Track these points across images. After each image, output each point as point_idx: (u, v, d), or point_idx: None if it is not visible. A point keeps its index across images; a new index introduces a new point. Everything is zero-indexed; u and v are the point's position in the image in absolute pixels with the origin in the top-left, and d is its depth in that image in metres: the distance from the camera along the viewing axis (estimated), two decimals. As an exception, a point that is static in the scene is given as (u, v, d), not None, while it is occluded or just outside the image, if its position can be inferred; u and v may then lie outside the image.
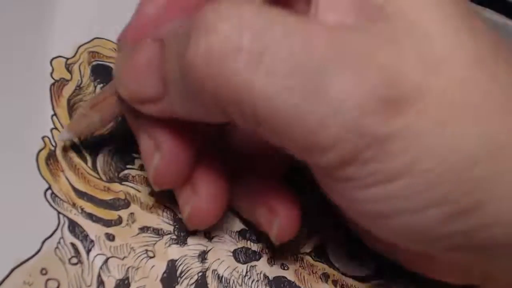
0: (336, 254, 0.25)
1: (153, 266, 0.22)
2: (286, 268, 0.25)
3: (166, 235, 0.23)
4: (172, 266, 0.23)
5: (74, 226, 0.22)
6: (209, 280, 0.23)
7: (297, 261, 0.25)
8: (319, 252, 0.24)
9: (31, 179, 0.22)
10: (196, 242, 0.24)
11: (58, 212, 0.22)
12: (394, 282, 0.25)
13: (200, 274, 0.23)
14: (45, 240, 0.21)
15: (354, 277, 0.25)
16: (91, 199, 0.23)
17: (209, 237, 0.24)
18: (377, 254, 0.24)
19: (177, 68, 0.19)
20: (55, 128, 0.24)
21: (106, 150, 0.25)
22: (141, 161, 0.24)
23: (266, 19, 0.18)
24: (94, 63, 0.27)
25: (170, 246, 0.23)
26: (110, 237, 0.22)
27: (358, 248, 0.25)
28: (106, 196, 0.23)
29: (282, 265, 0.24)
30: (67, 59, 0.27)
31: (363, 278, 0.25)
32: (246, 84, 0.17)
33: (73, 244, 0.22)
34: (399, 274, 0.24)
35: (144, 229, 0.23)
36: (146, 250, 0.23)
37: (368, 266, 0.25)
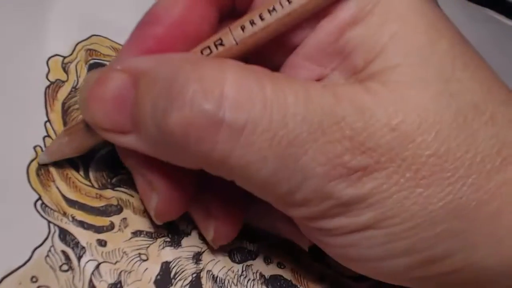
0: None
1: (146, 269, 0.22)
2: (283, 267, 0.24)
3: (160, 238, 0.23)
4: (166, 268, 0.22)
5: (65, 234, 0.22)
6: (203, 280, 0.23)
7: (294, 260, 0.24)
8: (316, 251, 0.23)
9: (21, 191, 0.22)
10: (190, 244, 0.23)
11: (49, 221, 0.22)
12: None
13: (194, 275, 0.23)
14: (35, 248, 0.21)
15: (350, 277, 0.25)
16: (83, 207, 0.23)
17: (203, 238, 0.23)
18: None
19: (151, 120, 0.19)
20: (48, 135, 0.24)
21: (99, 156, 0.24)
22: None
23: (247, 92, 0.18)
24: (91, 62, 0.27)
25: (164, 248, 0.23)
26: (102, 242, 0.22)
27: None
28: (98, 203, 0.23)
29: (278, 264, 0.24)
30: (64, 58, 0.27)
31: (359, 278, 0.25)
32: (224, 154, 0.18)
33: (64, 251, 0.21)
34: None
35: (137, 233, 0.23)
36: (139, 254, 0.22)
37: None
